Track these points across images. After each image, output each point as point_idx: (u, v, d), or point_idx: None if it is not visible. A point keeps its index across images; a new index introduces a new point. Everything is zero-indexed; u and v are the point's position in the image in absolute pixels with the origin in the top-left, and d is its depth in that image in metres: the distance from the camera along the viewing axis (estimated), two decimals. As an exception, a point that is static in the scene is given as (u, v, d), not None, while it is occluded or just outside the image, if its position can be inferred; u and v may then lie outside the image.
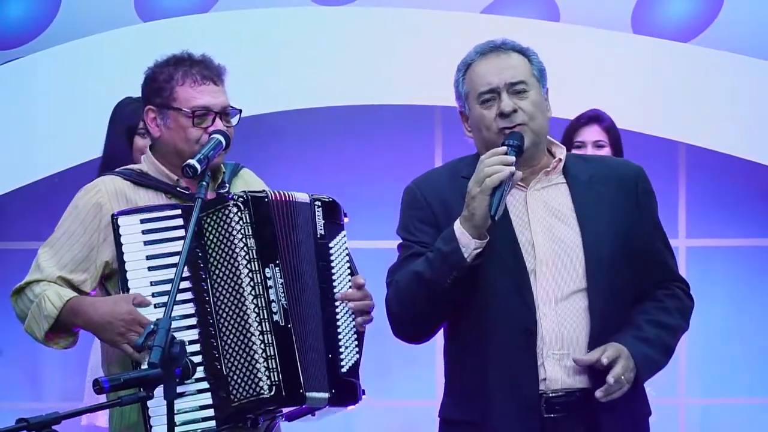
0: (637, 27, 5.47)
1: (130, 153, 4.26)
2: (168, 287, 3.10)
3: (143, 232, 3.22)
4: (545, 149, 3.23)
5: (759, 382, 5.66)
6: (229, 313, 3.20)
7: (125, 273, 3.21)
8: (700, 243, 5.63)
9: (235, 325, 3.19)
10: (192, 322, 3.20)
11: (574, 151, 4.47)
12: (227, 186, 3.32)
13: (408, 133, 5.65)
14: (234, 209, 3.22)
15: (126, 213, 3.24)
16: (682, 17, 5.52)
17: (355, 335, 3.34)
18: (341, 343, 3.31)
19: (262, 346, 3.17)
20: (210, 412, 3.16)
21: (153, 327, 2.82)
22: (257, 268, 3.21)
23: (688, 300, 3.28)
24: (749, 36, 5.43)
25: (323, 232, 3.36)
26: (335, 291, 3.34)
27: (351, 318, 3.34)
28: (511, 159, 3.03)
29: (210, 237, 3.23)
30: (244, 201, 3.23)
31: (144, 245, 3.21)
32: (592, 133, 4.59)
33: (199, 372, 3.14)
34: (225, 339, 3.19)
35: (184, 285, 3.18)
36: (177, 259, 3.14)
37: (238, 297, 3.20)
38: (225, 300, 3.21)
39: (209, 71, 3.32)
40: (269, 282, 3.21)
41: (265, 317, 3.18)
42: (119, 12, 5.35)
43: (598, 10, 5.44)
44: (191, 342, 3.15)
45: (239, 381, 3.16)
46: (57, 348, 3.32)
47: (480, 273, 3.09)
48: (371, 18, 5.41)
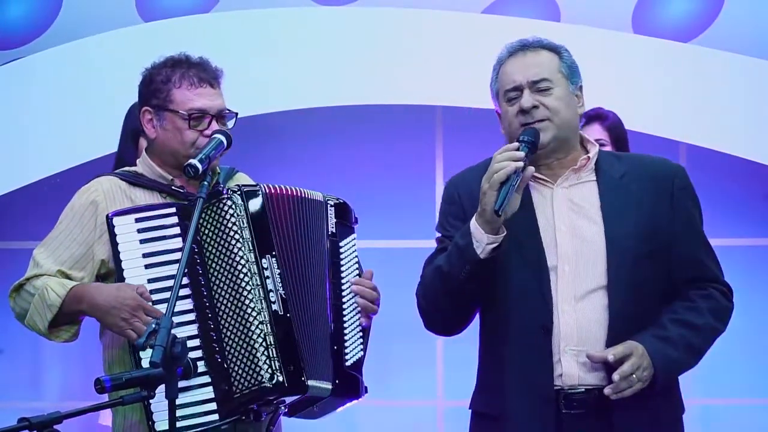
0: (638, 27, 5.47)
1: (135, 155, 4.22)
2: (164, 284, 3.16)
3: (138, 231, 3.23)
4: (576, 145, 3.21)
5: (759, 382, 5.64)
6: (228, 306, 3.21)
7: (122, 272, 3.21)
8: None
9: (234, 317, 3.20)
10: (191, 317, 3.20)
11: None
12: (222, 186, 3.32)
13: (409, 133, 5.67)
14: (228, 203, 3.25)
15: (121, 213, 3.24)
16: (682, 17, 5.52)
17: (361, 332, 3.35)
18: (347, 337, 3.32)
19: (261, 335, 3.18)
20: (212, 405, 3.16)
21: (155, 326, 2.82)
22: (253, 259, 3.22)
23: (725, 301, 3.22)
24: (749, 36, 5.43)
25: (334, 230, 3.39)
26: (343, 287, 3.35)
27: (358, 314, 3.35)
28: (520, 155, 3.03)
29: (206, 232, 3.25)
30: (237, 195, 3.26)
31: (140, 243, 3.22)
32: (592, 132, 4.51)
33: (201, 366, 3.14)
34: (224, 331, 3.20)
35: (182, 281, 3.17)
36: (173, 257, 3.19)
37: (235, 289, 3.21)
38: (223, 293, 3.21)
39: (206, 74, 3.32)
40: (266, 272, 3.22)
41: (264, 307, 3.20)
42: (121, 12, 5.36)
43: (598, 10, 5.45)
44: (191, 337, 3.15)
45: (240, 372, 3.17)
46: (59, 341, 3.30)
47: (501, 268, 3.10)
48: (372, 18, 5.42)
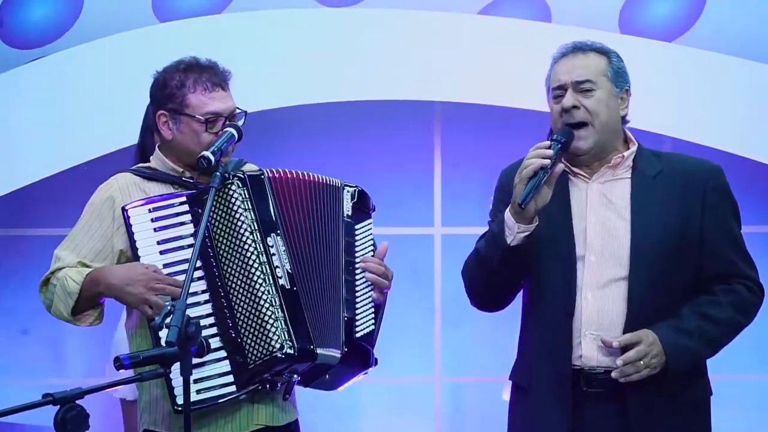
0: (624, 27, 5.48)
1: (154, 146, 4.29)
2: (179, 268, 3.22)
3: (152, 220, 3.28)
4: (618, 145, 3.26)
5: (756, 360, 5.70)
6: (238, 284, 3.26)
7: (138, 259, 3.26)
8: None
9: (245, 294, 3.26)
10: (206, 297, 3.25)
11: None
12: (229, 174, 3.36)
13: (408, 127, 5.70)
14: (234, 187, 3.31)
15: (135, 204, 3.30)
16: (666, 18, 5.53)
17: (373, 307, 3.42)
18: (359, 311, 3.38)
19: (270, 309, 3.23)
20: (230, 378, 3.22)
21: (170, 307, 2.85)
22: (259, 238, 3.28)
23: (750, 296, 3.27)
24: (730, 35, 5.44)
25: (350, 213, 3.45)
26: (357, 265, 3.42)
27: (371, 290, 3.42)
28: (549, 152, 3.09)
29: (215, 217, 3.31)
30: (241, 179, 3.32)
31: (154, 232, 3.28)
32: None
33: (216, 342, 3.21)
34: (237, 308, 3.25)
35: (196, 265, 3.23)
36: (185, 242, 3.25)
37: (244, 267, 3.27)
38: (233, 272, 3.27)
39: (218, 77, 3.35)
40: (272, 250, 3.28)
41: (271, 282, 3.25)
42: (138, 13, 5.37)
43: (587, 11, 5.46)
44: (206, 315, 3.23)
45: (253, 344, 3.22)
46: (85, 325, 3.37)
47: (536, 255, 3.20)
48: (374, 19, 5.44)
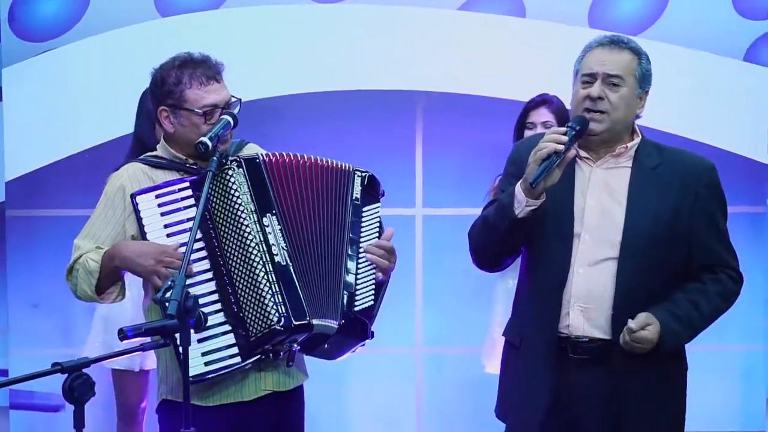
0: (593, 22, 5.56)
1: (153, 135, 4.38)
2: (184, 249, 3.28)
3: (159, 205, 3.38)
4: (626, 137, 3.35)
5: (740, 332, 5.78)
6: (238, 261, 3.34)
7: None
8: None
9: (244, 271, 3.34)
10: (209, 276, 3.36)
11: (526, 132, 4.74)
12: (227, 158, 3.44)
13: (392, 115, 5.72)
14: (230, 171, 3.39)
15: (142, 192, 3.39)
16: (632, 13, 5.61)
17: (374, 284, 3.50)
18: (359, 286, 3.47)
19: (267, 284, 3.31)
20: (235, 349, 3.33)
21: (170, 283, 2.92)
22: (256, 218, 3.36)
23: (733, 285, 3.41)
24: (691, 30, 5.56)
25: (358, 196, 3.53)
26: (362, 244, 3.51)
27: (373, 268, 3.51)
28: (564, 138, 3.17)
29: (214, 199, 3.39)
30: (238, 163, 3.41)
31: (161, 216, 3.37)
32: (540, 115, 4.77)
33: (221, 317, 3.31)
34: (238, 285, 3.34)
35: (198, 245, 3.35)
36: (190, 225, 3.33)
37: (243, 246, 3.34)
38: (233, 251, 3.35)
39: (211, 71, 3.41)
40: (268, 229, 3.36)
41: (268, 260, 3.34)
42: (141, 9, 5.45)
43: (559, 7, 5.54)
44: (210, 292, 3.33)
45: (253, 318, 3.31)
46: (109, 302, 3.48)
47: (537, 226, 3.28)
48: (360, 14, 5.52)
